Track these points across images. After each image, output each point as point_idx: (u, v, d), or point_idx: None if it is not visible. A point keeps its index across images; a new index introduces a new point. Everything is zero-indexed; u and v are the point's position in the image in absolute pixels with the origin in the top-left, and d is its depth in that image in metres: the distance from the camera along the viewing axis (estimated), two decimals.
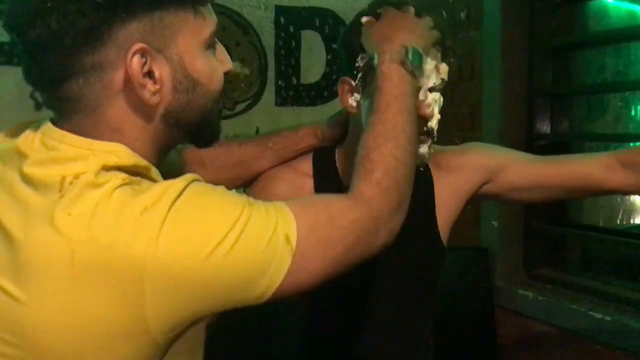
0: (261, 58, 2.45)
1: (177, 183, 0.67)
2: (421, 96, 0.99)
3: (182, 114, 0.74)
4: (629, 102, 1.99)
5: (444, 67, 1.01)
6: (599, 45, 2.02)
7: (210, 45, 0.76)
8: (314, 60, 2.51)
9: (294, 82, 2.50)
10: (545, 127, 2.06)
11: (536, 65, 2.03)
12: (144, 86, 0.69)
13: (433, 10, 2.30)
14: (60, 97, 0.70)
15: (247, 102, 2.44)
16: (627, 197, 2.33)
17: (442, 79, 1.01)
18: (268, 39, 2.44)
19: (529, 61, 2.04)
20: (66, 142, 0.70)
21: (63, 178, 0.66)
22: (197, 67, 0.74)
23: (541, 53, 2.04)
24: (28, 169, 0.68)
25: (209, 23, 0.76)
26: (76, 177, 0.66)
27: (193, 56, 0.73)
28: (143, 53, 0.69)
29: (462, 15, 2.18)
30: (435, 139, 1.04)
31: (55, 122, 0.72)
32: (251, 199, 0.73)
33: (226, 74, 0.80)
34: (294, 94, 2.50)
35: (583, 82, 2.06)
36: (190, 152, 1.08)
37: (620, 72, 2.00)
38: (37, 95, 1.76)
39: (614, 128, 2.04)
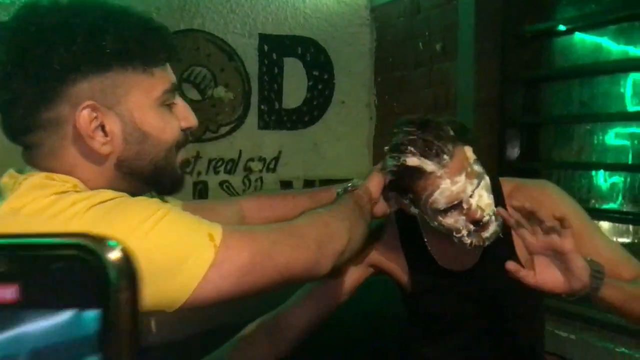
0: (245, 83, 2.53)
1: (106, 192, 0.77)
2: (465, 205, 1.10)
3: (134, 163, 0.83)
4: (593, 132, 2.11)
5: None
6: (566, 78, 2.14)
7: (163, 102, 0.85)
8: (295, 86, 2.60)
9: (277, 106, 2.58)
10: (515, 155, 2.17)
11: (507, 96, 2.15)
12: (93, 138, 0.79)
13: (410, 42, 2.42)
14: (27, 144, 0.82)
15: (231, 125, 2.51)
16: None
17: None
18: (252, 65, 2.53)
19: (501, 92, 2.15)
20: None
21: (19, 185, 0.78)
22: (148, 121, 0.83)
23: (512, 84, 2.15)
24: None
25: (162, 82, 0.84)
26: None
27: (143, 112, 0.82)
28: (93, 109, 0.78)
29: (438, 47, 2.29)
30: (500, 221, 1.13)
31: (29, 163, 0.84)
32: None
33: (188, 129, 0.89)
34: (276, 117, 2.58)
35: (551, 112, 2.18)
36: (241, 203, 1.17)
37: (584, 104, 2.11)
38: None
39: (578, 156, 2.15)
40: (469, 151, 1.11)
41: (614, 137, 2.10)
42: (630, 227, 2.18)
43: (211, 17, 2.45)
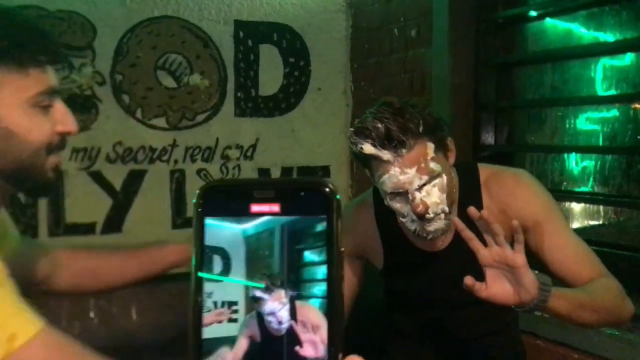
0: (221, 70, 2.52)
1: None
2: (410, 197, 1.16)
3: None
4: (565, 116, 2.15)
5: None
6: (538, 63, 2.17)
7: (36, 104, 0.85)
8: (272, 73, 2.60)
9: (253, 93, 2.58)
10: (489, 139, 2.20)
11: (481, 81, 2.18)
12: None
13: (385, 28, 2.43)
14: None
15: (207, 113, 2.50)
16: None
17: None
18: (227, 52, 2.52)
19: (475, 77, 2.18)
20: None
21: None
22: (14, 120, 0.83)
23: (486, 69, 2.18)
24: None
25: (37, 84, 0.85)
26: None
27: (10, 110, 0.83)
28: None
29: (413, 33, 2.30)
30: (447, 212, 1.20)
31: None
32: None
33: (65, 134, 0.90)
34: (253, 105, 2.57)
35: (524, 97, 2.22)
36: (58, 252, 1.18)
37: (556, 88, 2.15)
38: None
39: (550, 140, 2.19)
40: (429, 148, 1.15)
41: (585, 121, 2.15)
42: (601, 208, 2.25)
43: (185, 4, 2.43)
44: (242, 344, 0.37)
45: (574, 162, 2.31)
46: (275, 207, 0.37)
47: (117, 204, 2.37)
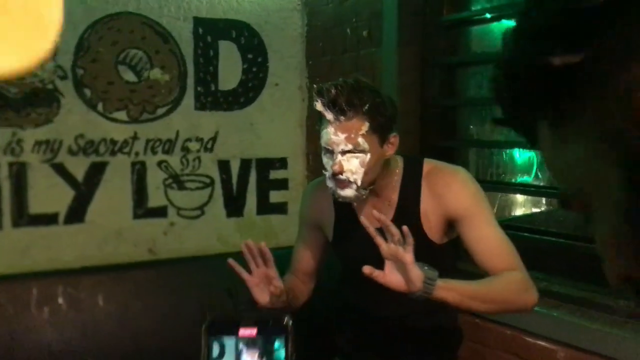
0: (180, 65, 2.60)
1: None
2: (334, 156, 1.42)
3: None
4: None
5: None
6: (480, 64, 2.35)
7: None
8: (231, 69, 2.70)
9: (213, 88, 2.67)
10: (434, 136, 2.37)
11: (427, 80, 2.34)
12: None
13: (338, 28, 2.56)
14: None
15: (168, 107, 2.59)
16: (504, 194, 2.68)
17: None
18: (187, 48, 2.60)
19: (421, 76, 2.34)
20: None
21: None
22: None
23: (431, 69, 2.34)
24: None
25: None
26: None
27: None
28: None
29: (364, 33, 2.44)
30: (359, 185, 1.43)
31: None
32: None
33: None
34: (213, 99, 2.67)
35: (467, 95, 2.39)
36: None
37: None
38: None
39: (489, 136, 2.38)
40: (364, 126, 1.38)
41: None
42: (543, 200, 2.45)
43: (145, 1, 2.50)
44: None
45: (517, 154, 2.50)
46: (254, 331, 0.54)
47: (80, 195, 2.44)
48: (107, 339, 1.98)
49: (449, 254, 1.57)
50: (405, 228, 1.28)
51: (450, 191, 1.47)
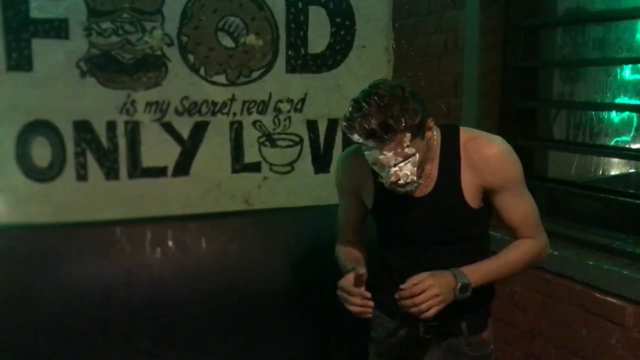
0: (274, 31, 2.79)
1: None
2: (386, 169, 1.45)
3: None
4: (580, 75, 2.33)
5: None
6: (563, 25, 2.34)
7: None
8: (320, 33, 2.85)
9: (302, 52, 2.84)
10: (516, 95, 2.41)
11: (510, 41, 2.37)
12: None
13: None
14: None
15: (261, 70, 2.80)
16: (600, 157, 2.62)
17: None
18: (280, 14, 2.78)
19: (504, 37, 2.37)
20: None
21: None
22: None
23: (515, 30, 2.36)
24: None
25: None
26: None
27: None
28: None
29: None
30: (416, 180, 1.49)
31: None
32: None
33: None
34: (302, 62, 2.84)
35: (550, 57, 2.40)
36: None
37: (581, 49, 2.33)
38: (82, 64, 2.32)
39: (572, 96, 2.39)
40: (407, 138, 1.39)
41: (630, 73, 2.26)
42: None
43: None
44: None
45: (615, 113, 2.45)
46: None
47: (185, 151, 2.73)
48: (209, 275, 2.27)
49: (485, 216, 1.65)
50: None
51: (488, 165, 1.53)
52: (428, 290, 1.43)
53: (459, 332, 1.66)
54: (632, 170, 2.52)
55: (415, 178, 1.46)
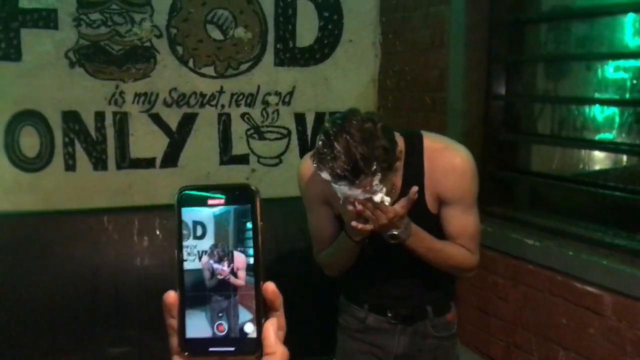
0: (262, 24, 2.81)
1: None
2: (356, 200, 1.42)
3: None
4: (565, 71, 2.37)
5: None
6: (547, 21, 2.38)
7: None
8: (308, 26, 2.88)
9: (291, 45, 2.87)
10: (501, 90, 2.45)
11: (494, 37, 2.41)
12: None
13: None
14: None
15: (250, 63, 2.82)
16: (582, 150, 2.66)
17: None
18: (268, 7, 2.80)
19: (489, 33, 2.41)
20: None
21: None
22: None
23: (499, 26, 2.40)
24: None
25: None
26: None
27: None
28: None
29: None
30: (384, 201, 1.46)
31: None
32: None
33: None
34: (291, 55, 2.87)
35: (534, 52, 2.44)
36: None
37: (562, 45, 2.37)
38: (71, 54, 2.33)
39: (555, 92, 2.43)
40: (376, 178, 1.37)
41: (613, 71, 2.31)
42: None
43: None
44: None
45: (599, 110, 2.50)
46: (222, 201, 0.56)
47: (173, 142, 2.75)
48: None
49: (439, 221, 1.67)
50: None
51: (448, 178, 1.56)
52: (391, 215, 1.43)
53: (425, 316, 1.72)
54: (612, 166, 2.57)
55: (385, 200, 1.45)
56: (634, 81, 2.13)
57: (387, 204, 1.44)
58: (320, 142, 1.39)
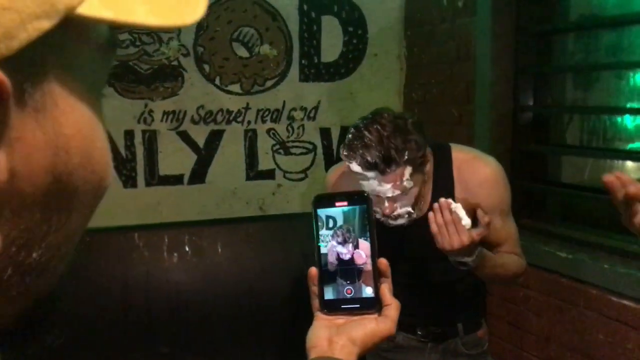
0: (287, 41, 2.84)
1: None
2: (382, 200, 1.41)
3: None
4: (601, 79, 2.33)
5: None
6: (574, 30, 2.36)
7: None
8: (332, 42, 2.89)
9: (315, 61, 2.88)
10: (528, 101, 2.43)
11: (521, 48, 2.39)
12: None
13: (437, 1, 2.65)
14: None
15: (275, 79, 2.84)
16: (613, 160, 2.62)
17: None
18: (293, 24, 2.83)
19: (516, 44, 2.40)
20: None
21: None
22: None
23: (526, 37, 2.39)
24: None
25: None
26: None
27: None
28: None
29: (460, 4, 2.53)
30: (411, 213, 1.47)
31: None
32: None
33: None
34: (315, 71, 2.89)
35: (562, 63, 2.42)
36: None
37: (591, 55, 2.34)
38: None
39: (584, 102, 2.40)
40: (407, 172, 1.36)
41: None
42: None
43: None
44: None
45: (630, 119, 2.45)
46: (346, 203, 0.78)
47: (201, 159, 2.77)
48: (224, 279, 2.30)
49: None
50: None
51: (482, 190, 1.53)
52: (461, 232, 1.39)
53: (455, 334, 1.68)
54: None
55: (411, 211, 1.45)
56: None
57: (466, 226, 1.39)
58: (350, 135, 1.39)
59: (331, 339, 0.74)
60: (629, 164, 2.43)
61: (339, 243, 0.76)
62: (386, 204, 1.41)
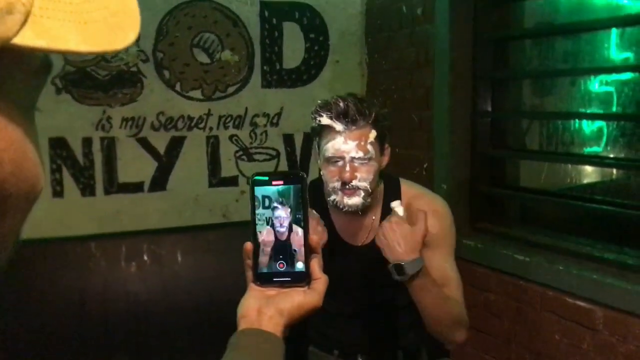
0: (249, 47, 2.83)
1: None
2: (343, 164, 1.45)
3: None
4: (551, 86, 2.39)
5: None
6: (530, 37, 2.41)
7: None
8: (294, 48, 2.89)
9: (278, 67, 2.88)
10: (487, 107, 2.47)
11: (479, 54, 2.43)
12: None
13: (395, 6, 2.68)
14: None
15: (237, 85, 2.83)
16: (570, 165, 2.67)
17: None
18: (254, 30, 2.82)
19: (474, 51, 2.44)
20: None
21: None
22: None
23: (484, 44, 2.43)
24: None
25: None
26: None
27: None
28: None
29: (419, 11, 2.56)
30: (367, 192, 1.48)
31: None
32: None
33: None
34: (278, 77, 2.88)
35: (519, 69, 2.46)
36: None
37: (546, 61, 2.39)
38: (57, 81, 2.27)
39: (541, 107, 2.45)
40: (372, 134, 1.42)
41: (599, 85, 2.32)
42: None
43: None
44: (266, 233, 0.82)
45: (586, 124, 2.51)
46: (282, 182, 0.81)
47: (161, 166, 2.74)
48: (184, 288, 2.27)
49: None
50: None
51: (429, 219, 1.49)
52: (398, 233, 1.39)
53: None
54: (600, 180, 2.58)
55: (368, 187, 1.45)
56: (622, 94, 2.15)
57: (400, 214, 1.41)
58: (317, 104, 1.49)
59: (260, 309, 0.78)
60: (585, 167, 2.50)
61: (274, 220, 0.80)
62: (347, 166, 1.43)
